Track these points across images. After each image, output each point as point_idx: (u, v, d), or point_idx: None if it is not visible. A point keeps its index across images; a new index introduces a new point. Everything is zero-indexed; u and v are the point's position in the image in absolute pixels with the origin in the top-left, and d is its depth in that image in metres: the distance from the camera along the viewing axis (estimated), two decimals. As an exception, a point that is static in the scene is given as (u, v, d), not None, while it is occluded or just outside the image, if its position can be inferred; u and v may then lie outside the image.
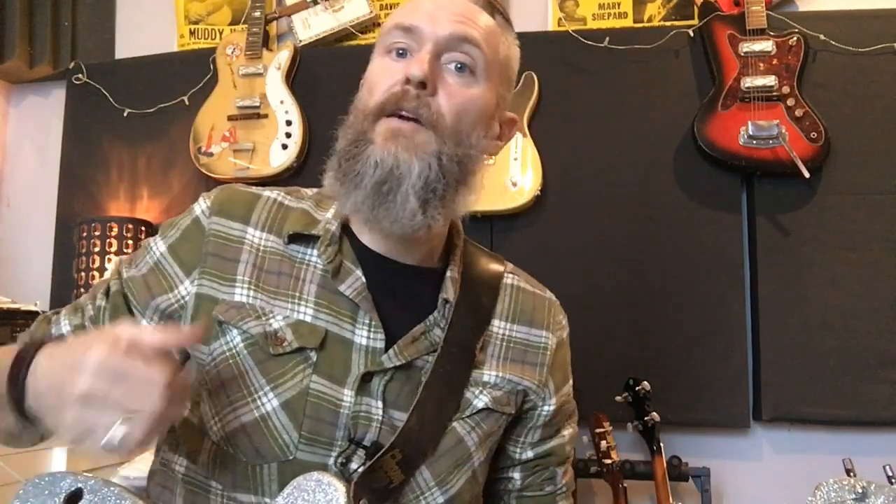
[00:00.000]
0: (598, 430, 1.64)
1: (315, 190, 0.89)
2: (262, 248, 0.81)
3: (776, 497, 1.82)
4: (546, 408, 0.89)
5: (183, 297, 0.82)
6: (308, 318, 0.78)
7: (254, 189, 0.86)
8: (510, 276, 0.92)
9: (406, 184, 0.73)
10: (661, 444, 1.62)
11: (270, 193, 0.86)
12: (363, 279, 0.79)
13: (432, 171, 0.74)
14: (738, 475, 1.83)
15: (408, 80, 0.74)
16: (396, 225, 0.75)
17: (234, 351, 0.78)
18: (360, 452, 0.75)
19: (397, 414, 0.78)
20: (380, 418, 0.77)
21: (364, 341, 0.78)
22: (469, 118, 0.78)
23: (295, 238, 0.81)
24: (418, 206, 0.74)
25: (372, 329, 0.78)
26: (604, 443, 1.63)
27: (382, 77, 0.77)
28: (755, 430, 1.83)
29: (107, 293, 0.84)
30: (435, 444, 0.78)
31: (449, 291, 0.82)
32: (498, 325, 0.87)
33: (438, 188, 0.75)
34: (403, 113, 0.74)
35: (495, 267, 0.91)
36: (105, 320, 0.83)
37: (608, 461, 1.62)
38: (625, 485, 1.63)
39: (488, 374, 0.83)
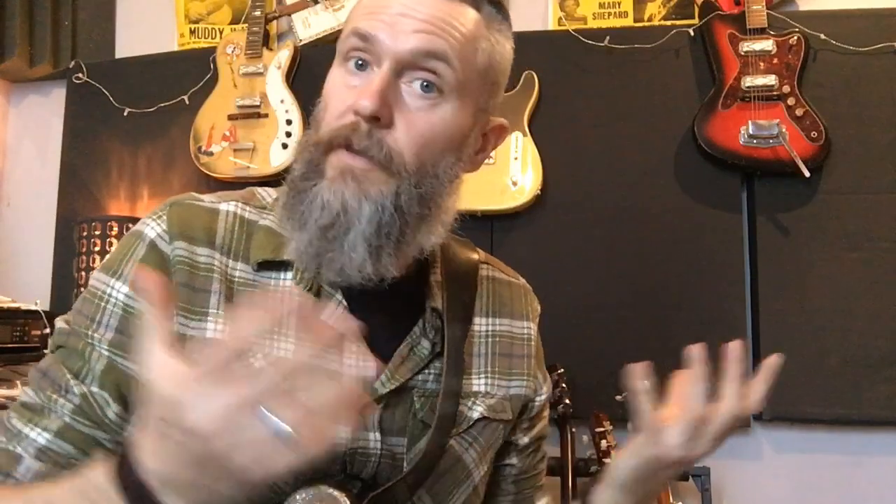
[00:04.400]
0: (598, 430, 1.64)
1: (274, 194, 0.79)
2: (231, 277, 0.71)
3: (776, 497, 1.82)
4: (539, 397, 0.87)
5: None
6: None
7: (207, 201, 0.76)
8: (485, 266, 0.85)
9: (354, 230, 0.65)
10: (662, 444, 1.62)
11: (227, 206, 0.75)
12: (345, 302, 0.71)
13: (385, 213, 0.65)
14: (738, 475, 1.83)
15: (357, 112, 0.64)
16: (342, 276, 0.66)
17: None
18: (358, 484, 0.69)
19: (395, 440, 0.73)
20: (378, 452, 0.71)
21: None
22: (434, 148, 0.67)
23: (265, 265, 0.72)
24: (367, 255, 0.66)
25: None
26: (604, 442, 1.63)
27: (337, 95, 0.68)
28: (755, 430, 1.83)
29: (77, 374, 0.67)
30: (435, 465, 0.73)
31: (436, 298, 0.75)
32: (479, 323, 0.81)
33: (393, 231, 0.66)
34: (354, 147, 0.65)
35: (470, 258, 0.81)
36: (101, 406, 0.66)
37: (608, 461, 1.62)
38: (625, 484, 1.63)
39: (477, 381, 0.80)
